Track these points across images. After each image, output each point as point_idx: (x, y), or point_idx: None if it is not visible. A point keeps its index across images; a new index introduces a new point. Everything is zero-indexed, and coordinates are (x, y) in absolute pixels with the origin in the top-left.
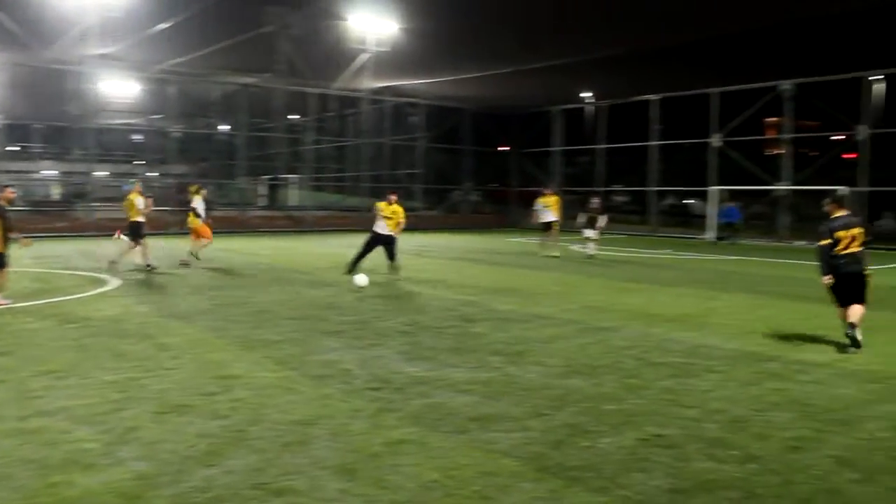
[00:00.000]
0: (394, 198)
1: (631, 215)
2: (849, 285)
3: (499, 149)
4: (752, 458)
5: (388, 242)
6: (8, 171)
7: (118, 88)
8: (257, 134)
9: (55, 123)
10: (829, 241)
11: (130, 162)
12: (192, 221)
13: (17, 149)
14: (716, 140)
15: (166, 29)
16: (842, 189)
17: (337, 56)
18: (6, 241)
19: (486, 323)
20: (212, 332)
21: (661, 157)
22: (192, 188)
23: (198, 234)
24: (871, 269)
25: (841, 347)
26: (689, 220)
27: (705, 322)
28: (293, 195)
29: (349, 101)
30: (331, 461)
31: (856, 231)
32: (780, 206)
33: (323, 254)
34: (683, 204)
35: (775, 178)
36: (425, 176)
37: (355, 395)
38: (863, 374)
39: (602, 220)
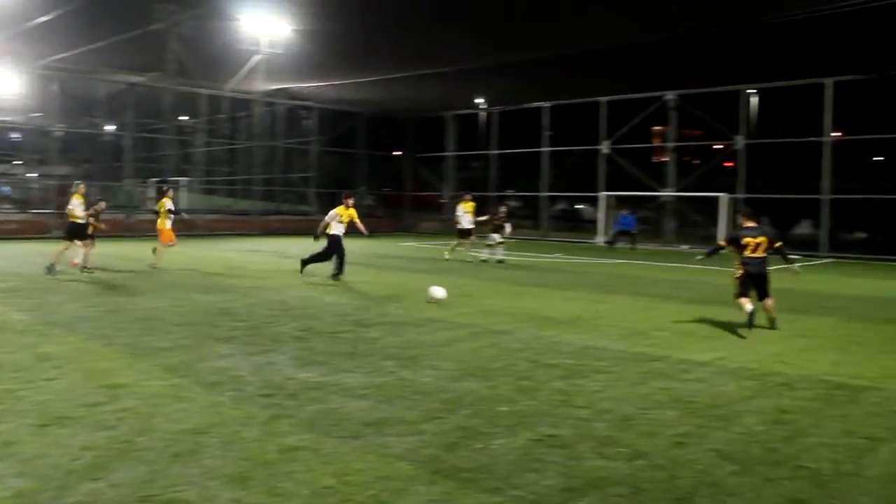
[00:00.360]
0: (350, 202)
1: (523, 220)
2: (756, 283)
3: (393, 153)
4: (639, 454)
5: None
6: None
7: None
8: (145, 135)
9: None
10: (725, 242)
11: (9, 162)
12: (161, 224)
13: None
14: (604, 147)
15: (48, 22)
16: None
17: (229, 57)
18: None
19: (380, 327)
20: (97, 340)
21: (552, 163)
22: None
23: (164, 238)
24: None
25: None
26: (580, 225)
27: (595, 324)
28: (183, 198)
29: (241, 103)
30: (223, 470)
31: (761, 239)
32: (666, 212)
33: (214, 258)
34: (574, 209)
35: (661, 185)
36: (319, 180)
37: (248, 402)
38: (742, 371)
39: (508, 228)
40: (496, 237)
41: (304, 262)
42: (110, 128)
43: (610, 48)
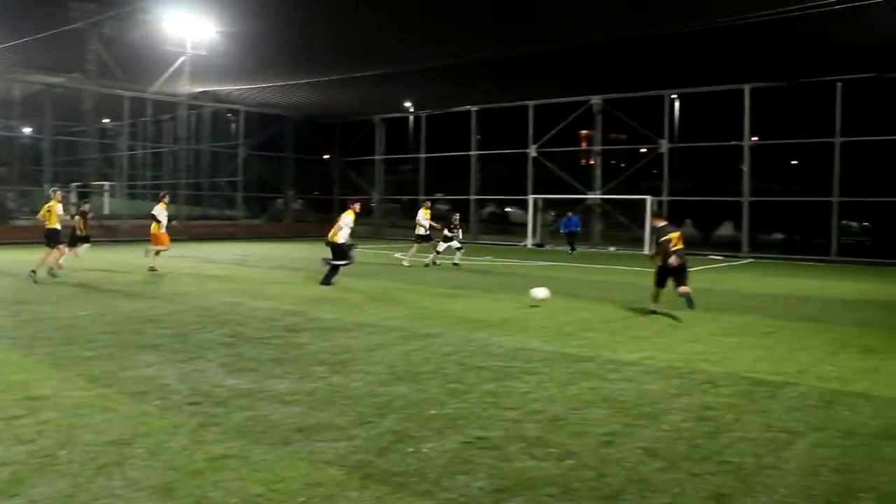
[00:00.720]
0: (357, 206)
1: None
2: (678, 272)
3: (322, 157)
4: (569, 454)
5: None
6: None
7: None
8: (65, 138)
9: None
10: (666, 238)
11: None
12: (154, 228)
13: None
14: (532, 150)
15: None
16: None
17: (152, 58)
18: None
19: (310, 333)
20: (15, 350)
21: (481, 167)
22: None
23: (157, 241)
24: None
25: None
26: (509, 228)
27: (525, 326)
28: (106, 203)
29: (166, 106)
30: (149, 481)
31: (679, 233)
32: (593, 214)
33: (139, 265)
34: (503, 212)
35: (588, 188)
36: (247, 184)
37: (175, 411)
38: (667, 370)
39: (459, 233)
40: (455, 243)
41: (328, 278)
42: (27, 130)
43: (537, 53)
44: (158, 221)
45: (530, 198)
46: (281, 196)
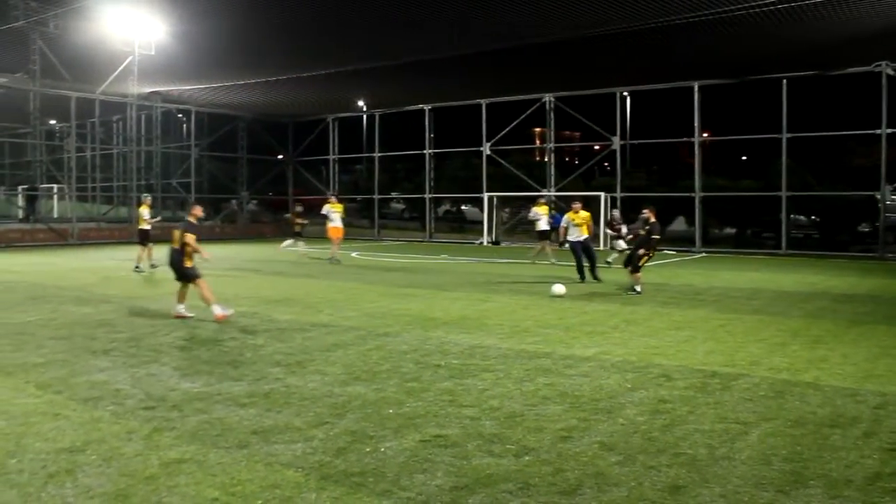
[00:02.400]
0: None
1: (409, 222)
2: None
3: (275, 156)
4: (527, 450)
5: None
6: None
7: None
8: (10, 140)
9: None
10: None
11: None
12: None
13: None
14: (486, 148)
15: None
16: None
17: (99, 58)
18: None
19: (266, 334)
20: None
21: (436, 165)
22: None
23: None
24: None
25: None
26: (464, 226)
27: (481, 323)
28: (55, 206)
29: (115, 107)
30: (102, 488)
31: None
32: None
33: (90, 268)
34: (459, 210)
35: (542, 185)
36: (200, 185)
37: (128, 416)
38: (623, 364)
39: (623, 229)
40: (620, 243)
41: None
42: None
43: (487, 52)
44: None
45: (485, 195)
46: (235, 197)
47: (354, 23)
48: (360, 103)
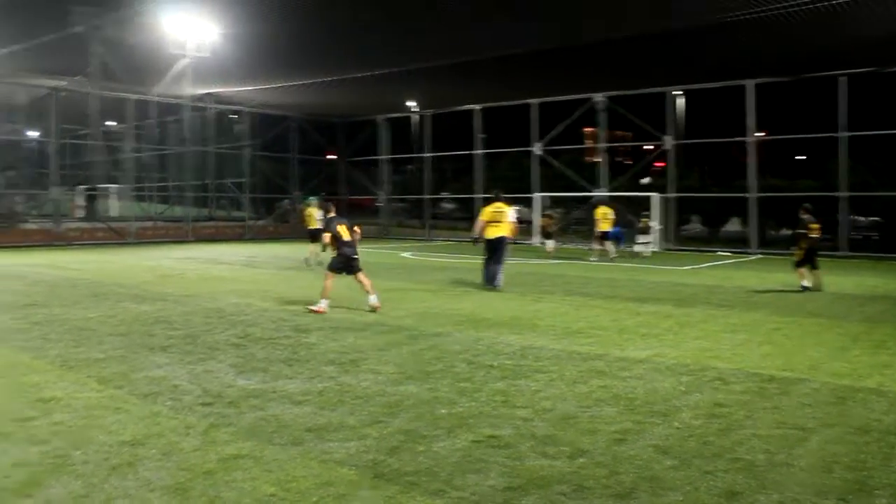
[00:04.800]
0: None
1: (459, 221)
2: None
3: (326, 157)
4: (580, 452)
5: None
6: None
7: None
8: (71, 141)
9: None
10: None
11: None
12: None
13: None
14: (537, 148)
15: None
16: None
17: (155, 60)
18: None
19: (319, 332)
20: (27, 352)
21: (486, 165)
22: None
23: None
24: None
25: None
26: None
27: (533, 324)
28: (113, 206)
29: (170, 108)
30: (162, 482)
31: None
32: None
33: (147, 267)
34: None
35: (594, 185)
36: (253, 185)
37: (186, 412)
38: (677, 367)
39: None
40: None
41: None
42: (34, 134)
43: (539, 51)
44: None
45: (535, 195)
46: (287, 196)
47: (406, 24)
48: (411, 103)
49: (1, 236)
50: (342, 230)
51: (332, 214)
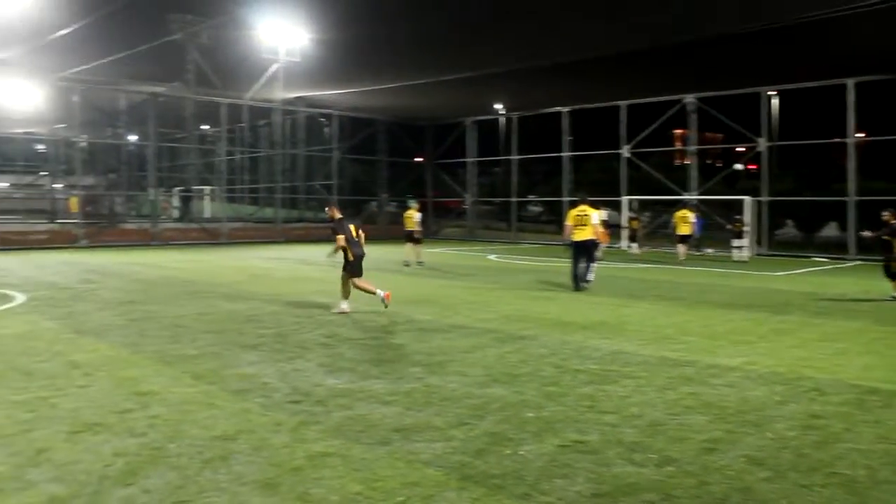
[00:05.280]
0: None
1: (546, 224)
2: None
3: (414, 159)
4: (669, 460)
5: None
6: None
7: (16, 96)
8: (168, 144)
9: None
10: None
11: (35, 173)
12: None
13: None
14: (625, 151)
15: (68, 35)
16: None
17: (248, 66)
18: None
19: (406, 334)
20: (125, 347)
21: (573, 168)
22: None
23: None
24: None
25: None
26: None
27: (621, 329)
28: (206, 207)
29: (261, 112)
30: (252, 476)
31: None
32: None
33: (239, 267)
34: None
35: (683, 188)
36: (341, 187)
37: (276, 409)
38: (771, 376)
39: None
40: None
41: None
42: (133, 138)
43: (628, 52)
44: None
45: (624, 199)
46: (375, 199)
47: (490, 26)
48: (498, 106)
49: (102, 235)
50: (353, 231)
51: (340, 216)
